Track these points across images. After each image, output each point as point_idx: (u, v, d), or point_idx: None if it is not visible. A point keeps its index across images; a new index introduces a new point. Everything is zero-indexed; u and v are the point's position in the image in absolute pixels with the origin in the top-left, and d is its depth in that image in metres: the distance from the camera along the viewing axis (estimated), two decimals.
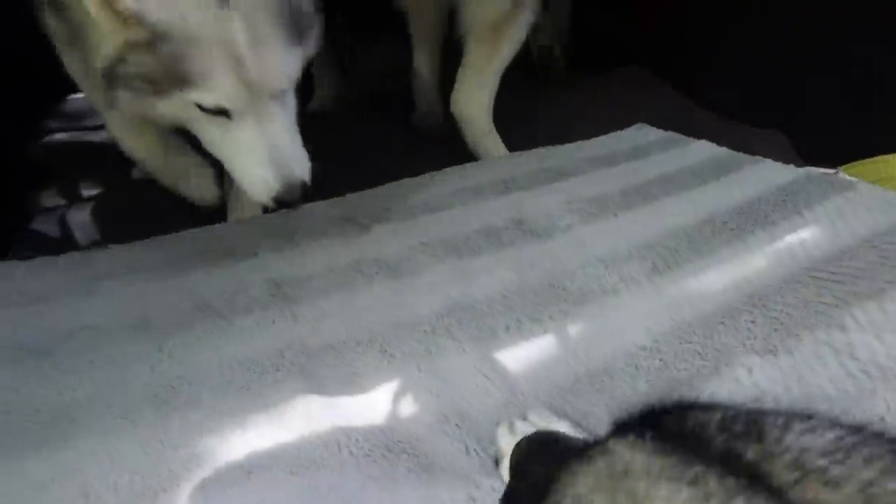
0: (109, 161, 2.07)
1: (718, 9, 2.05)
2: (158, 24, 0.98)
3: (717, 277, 1.14)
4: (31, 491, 0.80)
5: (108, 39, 1.02)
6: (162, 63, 1.00)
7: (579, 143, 1.82)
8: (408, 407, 0.91)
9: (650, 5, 2.31)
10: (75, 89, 2.56)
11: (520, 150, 1.78)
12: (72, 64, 1.39)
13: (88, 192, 1.87)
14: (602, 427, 0.84)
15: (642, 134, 1.85)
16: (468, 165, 1.70)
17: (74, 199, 1.83)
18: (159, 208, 1.68)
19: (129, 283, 1.17)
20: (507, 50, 1.71)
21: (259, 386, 0.95)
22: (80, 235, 1.65)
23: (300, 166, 1.14)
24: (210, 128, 1.11)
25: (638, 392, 0.92)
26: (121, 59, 1.02)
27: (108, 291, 1.15)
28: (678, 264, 1.18)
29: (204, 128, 1.12)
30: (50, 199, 1.84)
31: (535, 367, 0.98)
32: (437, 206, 1.44)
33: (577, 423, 0.87)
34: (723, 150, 1.66)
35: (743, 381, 0.92)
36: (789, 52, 1.85)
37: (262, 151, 1.11)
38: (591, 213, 1.36)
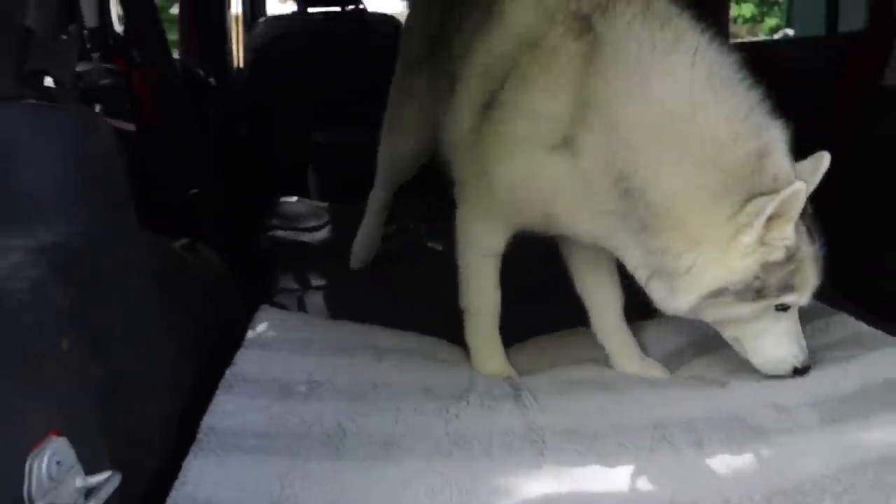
0: (328, 256, 2.47)
1: None
2: (794, 248, 1.19)
3: None
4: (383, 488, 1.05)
5: (730, 261, 1.18)
6: (781, 275, 1.20)
7: None
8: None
9: None
10: (286, 192, 3.03)
11: None
12: None
13: (316, 281, 2.23)
14: None
15: None
16: None
17: (307, 286, 2.19)
18: (380, 298, 2.02)
19: (408, 357, 1.46)
20: None
21: (530, 454, 1.17)
22: (316, 316, 1.98)
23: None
24: (768, 317, 1.27)
25: None
26: (755, 277, 1.19)
27: (394, 360, 1.44)
28: None
29: (763, 319, 1.27)
30: (287, 282, 2.20)
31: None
32: None
33: None
34: None
35: None
36: None
37: (795, 333, 1.30)
38: None
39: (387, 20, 3.14)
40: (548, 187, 1.31)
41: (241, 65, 3.29)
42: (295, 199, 2.98)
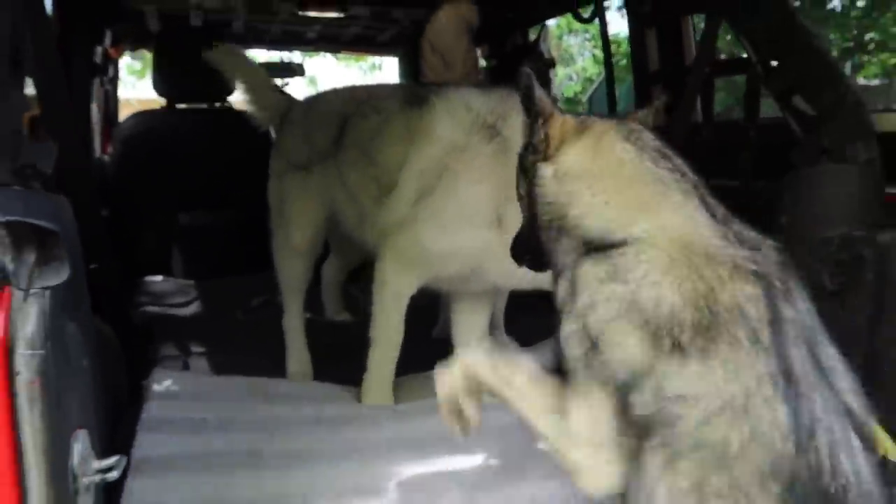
0: (201, 327, 2.67)
1: None
2: None
3: None
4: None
5: None
6: None
7: None
8: None
9: None
10: (150, 272, 3.17)
11: None
12: None
13: (196, 348, 2.43)
14: None
15: None
16: None
17: (188, 352, 2.38)
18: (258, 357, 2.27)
19: (295, 397, 1.77)
20: None
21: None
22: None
23: None
24: None
25: None
26: None
27: (284, 399, 1.73)
28: None
29: None
30: (168, 350, 2.38)
31: None
32: None
33: None
34: None
35: None
36: None
37: None
38: None
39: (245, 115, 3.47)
40: (480, 253, 1.76)
41: (103, 153, 3.46)
42: (160, 277, 3.15)
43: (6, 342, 0.76)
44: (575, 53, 14.63)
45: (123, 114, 3.88)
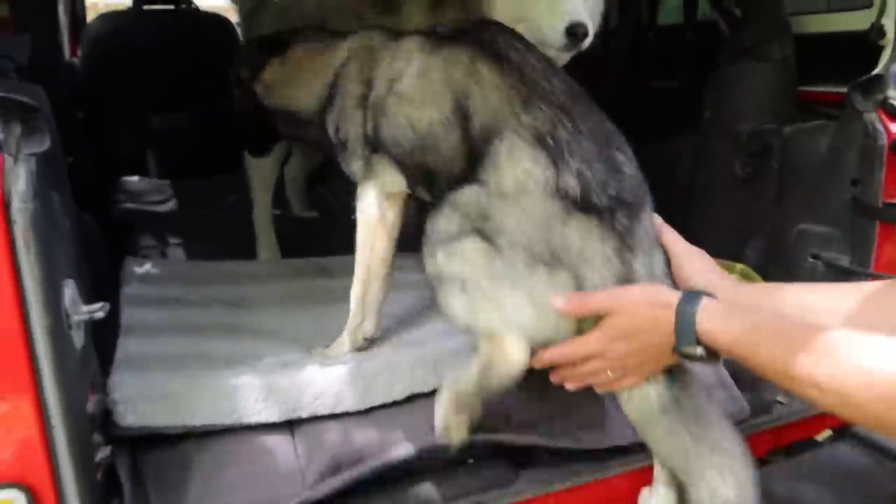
0: (179, 221, 2.84)
1: None
2: None
3: None
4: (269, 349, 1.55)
5: None
6: None
7: None
8: None
9: None
10: (125, 173, 3.30)
11: None
12: None
13: (173, 239, 2.61)
14: None
15: None
16: None
17: (165, 243, 2.57)
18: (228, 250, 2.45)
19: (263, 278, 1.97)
20: None
21: None
22: None
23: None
24: None
25: None
26: None
27: (252, 279, 1.93)
28: None
29: None
30: (146, 241, 2.56)
31: None
32: None
33: None
34: None
35: None
36: None
37: None
38: None
39: (215, 17, 3.53)
40: None
41: (72, 56, 3.50)
42: (136, 178, 3.28)
43: (3, 197, 0.93)
44: None
45: (90, 17, 3.91)
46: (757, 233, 1.94)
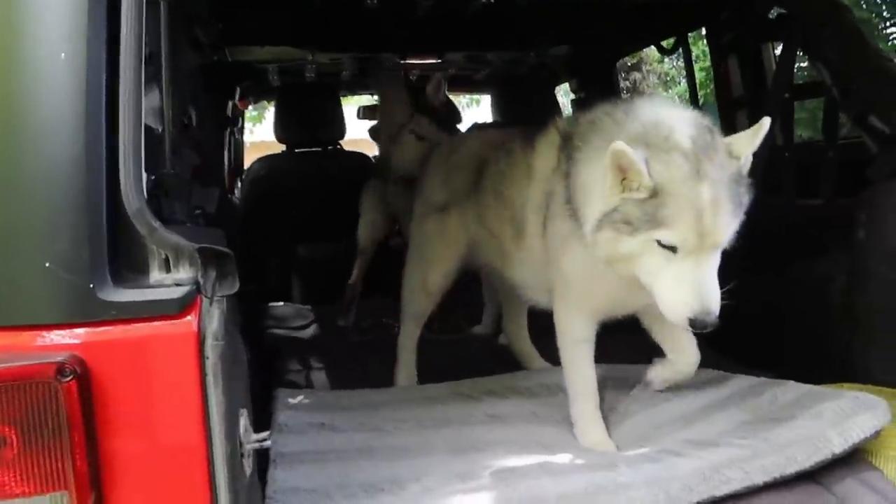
0: (320, 345, 2.99)
1: None
2: (657, 186, 1.41)
3: None
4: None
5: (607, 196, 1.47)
6: (646, 210, 1.43)
7: None
8: None
9: None
10: (273, 299, 3.54)
11: None
12: None
13: (316, 363, 2.74)
14: None
15: None
16: None
17: (309, 367, 2.70)
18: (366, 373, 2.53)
19: (401, 401, 2.01)
20: None
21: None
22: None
23: (714, 300, 1.43)
24: (657, 258, 1.45)
25: None
26: (615, 209, 1.46)
27: (391, 405, 1.98)
28: None
29: (651, 258, 1.45)
30: (293, 365, 2.71)
31: None
32: None
33: None
34: None
35: None
36: None
37: (691, 281, 1.43)
38: None
39: (357, 156, 3.87)
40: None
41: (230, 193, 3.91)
42: (282, 303, 3.52)
43: (199, 335, 1.04)
44: (676, 76, 14.47)
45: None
46: None
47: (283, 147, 3.87)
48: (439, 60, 3.66)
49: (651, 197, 1.42)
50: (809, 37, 2.18)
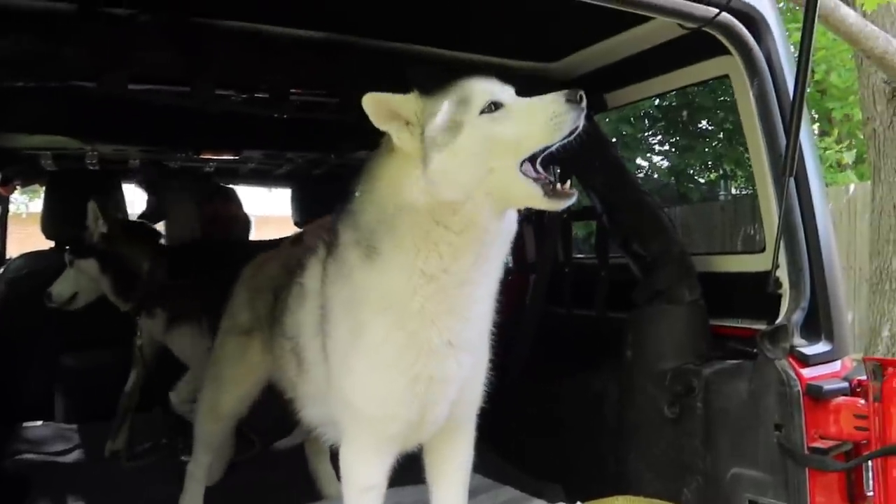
0: (81, 478, 2.59)
1: None
2: None
3: None
4: None
5: None
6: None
7: None
8: None
9: None
10: (31, 417, 3.08)
11: None
12: None
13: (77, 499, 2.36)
14: None
15: None
16: None
17: None
18: None
19: None
20: None
21: None
22: None
23: None
24: None
25: None
26: None
27: None
28: None
29: None
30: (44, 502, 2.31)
31: None
32: None
33: None
34: None
35: None
36: None
37: None
38: None
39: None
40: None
41: None
42: (40, 422, 3.05)
43: None
44: None
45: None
46: (692, 474, 1.92)
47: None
48: (237, 157, 3.52)
49: None
50: (581, 166, 2.38)
